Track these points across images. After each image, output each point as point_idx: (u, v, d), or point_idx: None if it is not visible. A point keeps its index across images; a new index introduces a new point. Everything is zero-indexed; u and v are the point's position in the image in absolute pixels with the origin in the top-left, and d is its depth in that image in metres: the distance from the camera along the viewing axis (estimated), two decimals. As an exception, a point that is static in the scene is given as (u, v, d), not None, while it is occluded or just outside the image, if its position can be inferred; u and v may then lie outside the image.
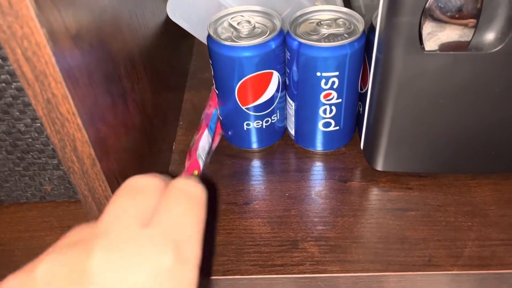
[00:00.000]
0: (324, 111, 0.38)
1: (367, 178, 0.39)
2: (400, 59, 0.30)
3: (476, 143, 0.35)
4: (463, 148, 0.35)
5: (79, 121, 0.24)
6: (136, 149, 0.33)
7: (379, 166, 0.38)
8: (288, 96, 0.40)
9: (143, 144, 0.35)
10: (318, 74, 0.35)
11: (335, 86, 0.36)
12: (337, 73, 0.35)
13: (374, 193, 0.38)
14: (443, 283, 0.34)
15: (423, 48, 0.30)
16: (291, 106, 0.40)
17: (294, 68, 0.36)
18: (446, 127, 0.34)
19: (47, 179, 0.35)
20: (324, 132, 0.40)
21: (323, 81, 0.36)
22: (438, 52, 0.30)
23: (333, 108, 0.38)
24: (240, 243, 0.35)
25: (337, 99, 0.37)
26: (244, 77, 0.36)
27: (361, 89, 0.38)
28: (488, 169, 0.37)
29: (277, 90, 0.38)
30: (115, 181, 0.28)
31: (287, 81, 0.39)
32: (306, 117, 0.39)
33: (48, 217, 0.37)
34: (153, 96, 0.37)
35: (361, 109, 0.40)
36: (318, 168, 0.40)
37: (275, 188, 0.39)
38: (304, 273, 0.33)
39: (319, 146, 0.41)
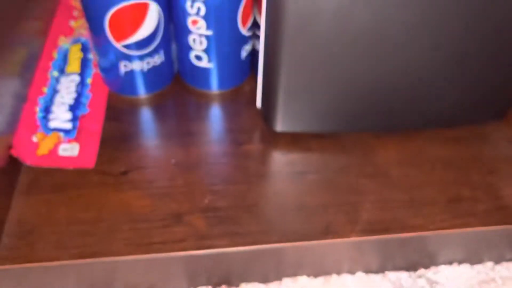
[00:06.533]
0: (194, 41, 0.34)
1: (265, 140, 0.35)
2: (290, -4, 0.26)
3: (377, 97, 0.32)
4: (365, 104, 0.32)
5: None
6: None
7: (277, 126, 0.34)
8: None
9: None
10: None
11: (201, 13, 0.32)
12: None
13: (272, 156, 0.34)
14: (344, 251, 0.31)
15: (316, -17, 0.25)
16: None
17: None
18: (346, 79, 0.30)
19: None
20: (197, 67, 0.36)
21: (188, 3, 0.31)
22: (333, -12, 0.26)
23: (203, 40, 0.33)
24: (113, 220, 0.30)
25: (206, 29, 0.33)
26: (114, 7, 0.30)
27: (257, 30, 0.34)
28: (391, 127, 0.35)
29: (158, 25, 0.33)
30: None
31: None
32: (180, 44, 0.35)
33: None
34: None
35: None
36: (210, 130, 0.36)
37: (160, 155, 0.34)
38: (188, 249, 0.29)
39: (196, 83, 0.38)
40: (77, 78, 0.37)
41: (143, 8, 0.31)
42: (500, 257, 0.34)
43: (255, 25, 0.35)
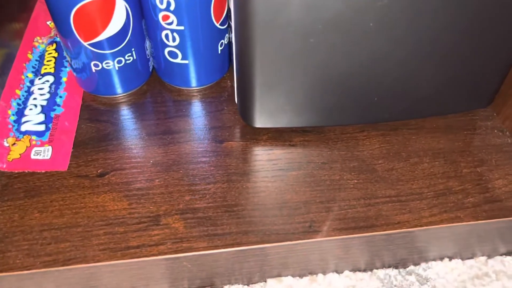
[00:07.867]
0: (167, 37, 0.33)
1: (246, 137, 0.34)
2: (260, -15, 0.25)
3: (358, 88, 0.30)
4: (345, 95, 0.31)
5: None
6: None
7: (255, 122, 0.32)
8: None
9: None
10: None
11: (171, 8, 0.30)
12: None
13: (253, 154, 0.33)
14: (329, 249, 0.30)
15: (287, -29, 0.24)
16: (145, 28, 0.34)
17: None
18: (322, 71, 0.29)
19: None
20: (173, 64, 0.34)
21: None
22: (304, -24, 0.24)
23: (176, 35, 0.32)
24: (89, 224, 0.29)
25: (178, 25, 0.31)
26: (78, 4, 0.29)
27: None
28: (375, 119, 0.33)
29: (126, 23, 0.32)
30: None
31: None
32: (153, 41, 0.34)
33: None
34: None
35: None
36: (190, 129, 0.34)
37: (138, 155, 0.33)
38: (165, 253, 0.28)
39: (173, 80, 0.37)
40: (51, 78, 0.36)
41: (109, 4, 0.30)
42: (493, 251, 0.33)
43: (230, 17, 0.34)
